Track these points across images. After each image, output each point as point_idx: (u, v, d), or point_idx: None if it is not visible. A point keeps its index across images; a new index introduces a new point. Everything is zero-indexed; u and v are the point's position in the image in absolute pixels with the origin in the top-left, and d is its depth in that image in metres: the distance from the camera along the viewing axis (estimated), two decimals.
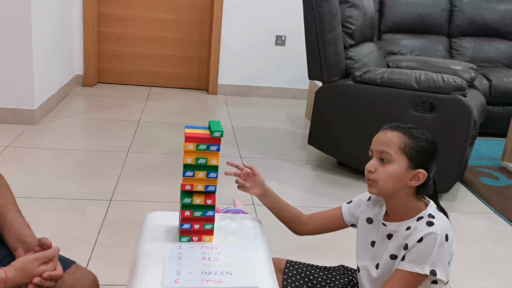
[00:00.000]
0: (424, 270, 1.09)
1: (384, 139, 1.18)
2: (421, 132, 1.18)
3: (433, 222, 1.12)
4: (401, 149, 1.15)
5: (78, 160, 2.80)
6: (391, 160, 1.15)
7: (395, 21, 4.16)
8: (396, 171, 1.15)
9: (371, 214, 1.29)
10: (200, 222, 1.16)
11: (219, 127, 1.10)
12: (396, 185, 1.16)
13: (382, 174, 1.16)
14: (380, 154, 1.17)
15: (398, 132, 1.17)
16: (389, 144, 1.16)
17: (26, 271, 1.05)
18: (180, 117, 3.77)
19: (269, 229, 1.45)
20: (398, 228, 1.18)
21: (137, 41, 4.39)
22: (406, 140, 1.15)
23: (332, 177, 2.90)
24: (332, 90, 2.79)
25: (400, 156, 1.15)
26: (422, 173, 1.15)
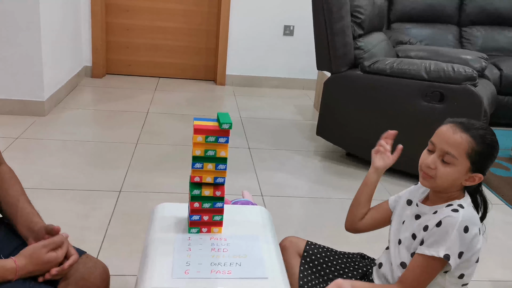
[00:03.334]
0: (439, 252, 1.10)
1: (453, 140, 1.14)
2: (489, 135, 1.16)
3: (459, 210, 1.12)
4: (467, 154, 1.13)
5: (88, 151, 2.82)
6: (454, 163, 1.14)
7: (404, 10, 4.11)
8: (456, 173, 1.14)
9: (412, 197, 1.30)
10: (209, 213, 1.17)
11: (228, 119, 1.10)
12: (452, 184, 1.17)
13: (442, 174, 1.15)
14: (444, 153, 1.15)
15: (468, 135, 1.14)
16: (457, 147, 1.14)
17: (34, 258, 1.05)
18: (188, 108, 3.77)
19: (278, 220, 1.45)
20: (428, 211, 1.20)
21: (145, 32, 4.39)
22: (475, 146, 1.13)
23: (340, 168, 2.89)
24: (340, 81, 2.77)
25: (464, 160, 1.13)
26: (479, 177, 1.15)
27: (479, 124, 1.17)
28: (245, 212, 1.34)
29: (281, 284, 1.05)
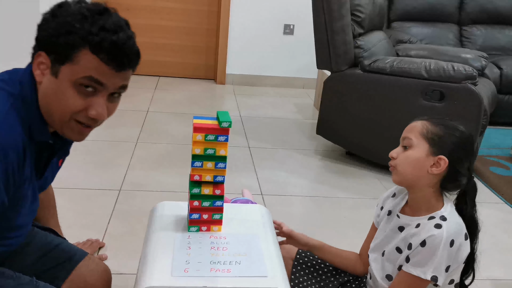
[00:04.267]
0: (426, 275, 1.08)
1: (411, 126, 1.18)
2: (451, 122, 1.16)
3: (442, 225, 1.09)
4: (422, 134, 1.14)
5: (88, 150, 2.82)
6: (411, 145, 1.14)
7: (405, 9, 4.11)
8: (414, 155, 1.13)
9: (391, 207, 1.28)
10: (208, 212, 1.17)
11: (228, 118, 1.10)
12: (416, 171, 1.13)
13: (402, 160, 1.15)
14: (403, 141, 1.17)
15: (424, 120, 1.16)
16: (412, 130, 1.16)
17: None
18: (188, 107, 3.77)
19: (278, 218, 1.45)
20: (410, 222, 1.17)
21: (145, 31, 4.39)
22: (429, 126, 1.14)
23: (340, 167, 2.89)
24: (340, 80, 2.77)
25: (421, 142, 1.13)
26: (443, 159, 1.11)
27: (448, 118, 1.18)
28: (244, 210, 1.34)
29: (280, 282, 1.05)
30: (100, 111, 0.95)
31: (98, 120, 0.98)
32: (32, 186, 1.04)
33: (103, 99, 0.95)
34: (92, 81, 0.92)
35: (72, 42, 0.90)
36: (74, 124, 0.96)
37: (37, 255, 1.19)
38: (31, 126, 0.95)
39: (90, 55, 0.90)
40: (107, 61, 0.91)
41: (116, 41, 0.91)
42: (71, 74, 0.91)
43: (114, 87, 0.96)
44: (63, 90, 0.92)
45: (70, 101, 0.92)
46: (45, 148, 1.03)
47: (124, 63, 0.94)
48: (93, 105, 0.94)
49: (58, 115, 0.94)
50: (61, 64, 0.91)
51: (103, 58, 0.91)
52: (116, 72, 0.93)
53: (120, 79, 0.96)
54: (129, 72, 0.98)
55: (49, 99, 0.94)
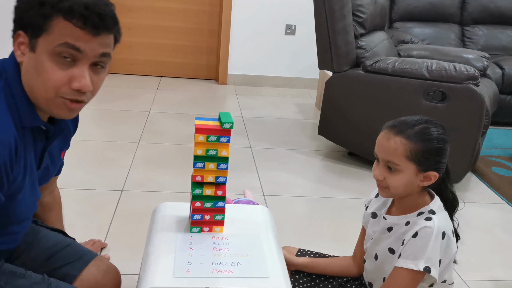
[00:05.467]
0: (419, 266, 1.06)
1: (388, 147, 1.12)
2: (427, 130, 1.11)
3: (432, 217, 1.10)
4: (407, 157, 1.09)
5: (90, 150, 2.83)
6: (399, 170, 1.11)
7: (407, 9, 4.11)
8: (405, 179, 1.11)
9: (375, 209, 1.28)
10: (210, 212, 1.17)
11: (229, 119, 1.10)
12: (408, 189, 1.13)
13: (392, 182, 1.12)
14: (386, 163, 1.13)
15: (401, 138, 1.10)
16: (394, 153, 1.10)
17: None
18: (190, 107, 3.77)
19: (279, 219, 1.45)
20: (398, 221, 1.17)
21: (147, 31, 4.39)
22: (412, 146, 1.09)
23: (342, 167, 2.89)
24: (342, 80, 2.77)
25: (408, 164, 1.10)
26: (433, 175, 1.12)
27: (415, 121, 1.13)
28: (246, 211, 1.35)
29: (282, 283, 1.05)
30: (83, 81, 0.91)
31: (84, 93, 0.94)
32: (31, 177, 1.03)
33: (85, 68, 0.92)
34: (68, 47, 0.89)
35: (44, 12, 0.88)
36: (60, 100, 0.93)
37: (47, 254, 1.20)
38: (21, 112, 0.93)
39: (64, 22, 0.88)
40: (81, 25, 0.88)
41: (87, 3, 0.88)
42: (48, 44, 0.89)
43: (94, 54, 0.92)
44: (42, 63, 0.89)
45: (50, 74, 0.89)
46: (39, 135, 1.02)
47: (98, 25, 0.90)
48: (75, 76, 0.91)
49: (42, 92, 0.92)
50: (38, 37, 0.89)
51: (77, 23, 0.88)
52: (92, 37, 0.90)
53: (99, 45, 0.92)
54: (107, 38, 0.94)
55: (30, 76, 0.92)
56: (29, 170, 1.01)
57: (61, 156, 1.18)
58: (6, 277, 1.04)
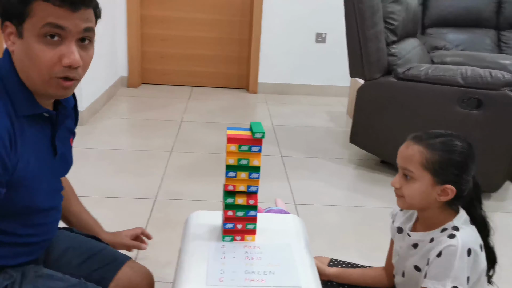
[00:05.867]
0: (446, 286, 1.03)
1: (406, 154, 1.11)
2: (449, 142, 1.09)
3: (455, 234, 1.07)
4: (423, 166, 1.08)
5: (124, 159, 2.89)
6: (414, 178, 1.09)
7: (440, 15, 4.04)
8: (420, 188, 1.09)
9: (401, 223, 1.26)
10: (242, 221, 1.18)
11: (261, 128, 1.11)
12: (424, 201, 1.11)
13: (407, 191, 1.11)
14: (403, 171, 1.12)
15: (420, 146, 1.09)
16: (410, 160, 1.10)
17: None
18: (221, 116, 3.81)
19: (311, 228, 1.45)
20: (423, 238, 1.15)
21: (179, 42, 4.47)
22: (428, 155, 1.07)
23: (374, 175, 2.85)
24: (374, 88, 2.75)
25: (423, 173, 1.08)
26: (450, 189, 1.08)
27: (439, 133, 1.11)
28: (278, 220, 1.35)
29: None
30: (72, 57, 0.95)
31: (75, 69, 0.98)
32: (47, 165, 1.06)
33: (71, 45, 0.96)
34: (52, 26, 0.93)
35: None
36: (55, 80, 0.97)
37: (82, 258, 1.23)
38: (15, 102, 0.97)
39: (43, 3, 0.92)
40: (59, 3, 0.93)
41: None
42: (32, 28, 0.93)
43: (77, 29, 0.96)
44: (31, 47, 0.94)
45: (40, 55, 0.94)
46: (45, 123, 1.06)
47: (76, 1, 0.94)
48: (64, 54, 0.95)
49: (36, 75, 0.96)
50: (22, 23, 0.94)
51: (55, 2, 0.92)
52: (72, 12, 0.94)
53: (80, 20, 0.96)
54: (87, 12, 0.98)
55: (23, 63, 0.96)
56: (42, 158, 1.04)
57: (71, 143, 1.21)
58: (44, 279, 1.08)
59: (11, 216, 1.02)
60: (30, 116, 1.00)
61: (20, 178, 0.98)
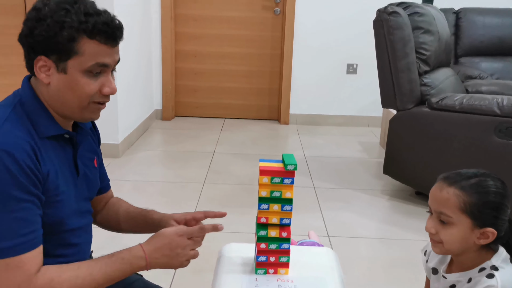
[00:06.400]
0: None
1: (440, 197, 1.07)
2: (483, 182, 1.05)
3: (494, 274, 1.02)
4: (461, 209, 1.04)
5: (158, 190, 2.93)
6: (451, 223, 1.05)
7: (472, 44, 4.00)
8: (459, 233, 1.05)
9: (436, 264, 1.21)
10: (275, 254, 1.17)
11: (293, 160, 1.11)
12: (462, 246, 1.07)
13: (445, 237, 1.07)
14: (438, 215, 1.07)
15: (455, 189, 1.05)
16: (446, 204, 1.05)
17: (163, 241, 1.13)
18: (253, 147, 3.83)
19: (345, 261, 1.42)
20: (460, 278, 1.11)
21: (211, 76, 4.57)
22: (466, 198, 1.03)
23: (409, 207, 2.79)
24: (407, 118, 2.72)
25: (461, 217, 1.04)
26: (491, 232, 1.04)
27: (471, 173, 1.07)
28: (311, 253, 1.33)
29: None
30: (112, 86, 1.07)
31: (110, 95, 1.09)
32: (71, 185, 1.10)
33: (110, 76, 1.07)
34: (99, 66, 1.02)
35: (69, 36, 0.98)
36: (92, 105, 1.06)
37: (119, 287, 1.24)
38: (37, 124, 1.03)
39: (89, 41, 1.00)
40: (105, 40, 1.01)
41: (105, 21, 1.01)
42: (80, 65, 1.01)
43: (114, 63, 1.07)
44: (77, 81, 1.02)
45: (85, 87, 1.03)
46: (66, 144, 1.11)
47: (117, 36, 1.04)
48: (105, 84, 1.05)
49: (77, 103, 1.04)
50: (67, 59, 1.00)
51: (100, 40, 1.01)
52: (113, 48, 1.04)
53: (116, 54, 1.07)
54: (119, 45, 1.08)
55: (63, 93, 1.03)
56: (66, 177, 1.08)
57: (95, 164, 1.24)
58: None
59: (44, 234, 1.04)
60: (52, 138, 1.06)
61: (50, 191, 1.02)
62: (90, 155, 1.22)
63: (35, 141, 1.00)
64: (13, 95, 1.07)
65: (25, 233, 0.95)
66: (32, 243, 0.96)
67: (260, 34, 4.46)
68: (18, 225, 0.95)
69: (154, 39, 4.35)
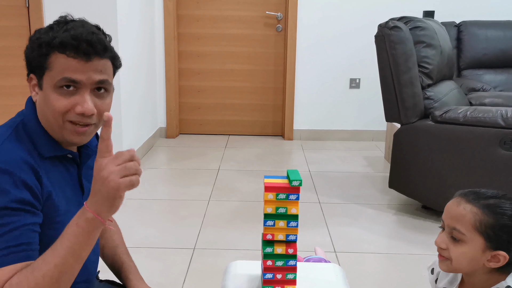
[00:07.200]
0: None
1: (456, 213, 1.03)
2: (503, 204, 1.02)
3: None
4: (476, 228, 1.01)
5: (163, 209, 2.92)
6: (463, 240, 1.02)
7: (475, 57, 4.02)
8: (469, 253, 1.02)
9: (446, 284, 1.19)
10: (282, 271, 1.16)
11: (298, 176, 1.11)
12: (471, 266, 1.04)
13: (454, 254, 1.03)
14: (451, 230, 1.04)
15: (473, 206, 1.02)
16: (461, 220, 1.02)
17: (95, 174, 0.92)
18: (257, 164, 3.83)
19: (352, 277, 1.41)
20: None
21: (215, 93, 4.59)
22: (482, 218, 1.00)
23: (416, 221, 2.77)
24: (411, 132, 2.72)
25: (475, 236, 1.01)
26: (503, 256, 1.01)
27: (491, 193, 1.04)
28: (318, 269, 1.32)
29: None
30: (85, 106, 1.00)
31: (89, 116, 1.01)
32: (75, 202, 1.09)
33: (86, 95, 1.01)
34: (68, 81, 0.99)
35: (42, 52, 0.99)
36: (69, 125, 1.01)
37: None
38: (38, 145, 1.02)
39: (59, 55, 0.99)
40: (74, 54, 0.98)
41: (74, 34, 0.98)
42: (50, 80, 1.00)
43: (90, 81, 1.00)
44: (48, 97, 1.00)
45: (55, 104, 0.99)
46: (70, 164, 1.10)
47: (88, 51, 0.99)
48: (77, 102, 1.00)
49: (53, 121, 1.01)
50: (42, 75, 1.01)
51: (69, 54, 0.98)
52: (85, 63, 0.99)
53: (94, 72, 1.00)
54: (101, 62, 1.01)
55: (43, 111, 1.02)
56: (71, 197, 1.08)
57: None
58: None
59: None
60: (55, 158, 1.06)
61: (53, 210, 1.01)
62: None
63: (35, 161, 0.99)
64: (16, 116, 1.08)
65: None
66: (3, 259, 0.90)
67: (263, 51, 4.49)
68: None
69: (157, 58, 4.39)
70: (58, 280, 0.89)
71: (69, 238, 0.91)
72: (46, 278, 0.89)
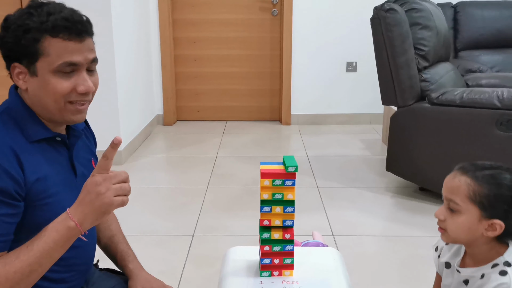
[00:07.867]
0: None
1: (452, 184, 1.07)
2: (498, 175, 1.04)
3: (507, 271, 1.02)
4: (470, 198, 1.03)
5: (161, 196, 2.94)
6: (459, 211, 1.05)
7: (472, 37, 4.00)
8: (465, 223, 1.05)
9: (449, 258, 1.21)
10: (279, 256, 1.17)
11: (294, 162, 1.12)
12: (469, 236, 1.07)
13: (452, 225, 1.07)
14: (448, 202, 1.07)
15: (467, 177, 1.05)
16: (456, 192, 1.05)
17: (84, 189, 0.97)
18: (255, 149, 3.84)
19: (350, 261, 1.42)
20: (474, 274, 1.10)
21: (212, 79, 4.57)
22: (476, 188, 1.03)
23: (414, 203, 2.79)
24: (408, 114, 2.72)
25: (470, 206, 1.04)
26: (498, 224, 1.03)
27: (488, 165, 1.06)
28: (316, 254, 1.33)
29: None
30: (87, 84, 1.05)
31: (89, 94, 1.07)
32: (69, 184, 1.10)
33: (84, 74, 1.05)
34: (67, 65, 1.01)
35: (32, 38, 0.99)
36: (69, 106, 1.05)
37: None
38: (25, 129, 1.04)
39: (53, 39, 1.00)
40: (68, 36, 1.00)
41: (64, 16, 1.00)
42: (48, 65, 1.01)
43: (87, 61, 1.05)
44: (48, 82, 1.01)
45: (57, 87, 1.01)
46: (59, 147, 1.11)
47: (81, 30, 1.02)
48: (79, 82, 1.04)
49: (53, 104, 1.03)
50: (35, 62, 1.01)
51: (64, 36, 1.00)
52: (80, 43, 1.02)
53: (88, 52, 1.04)
54: (90, 41, 1.06)
55: (39, 97, 1.03)
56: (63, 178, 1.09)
57: (93, 165, 1.24)
58: None
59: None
60: (44, 141, 1.07)
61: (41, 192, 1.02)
62: (87, 156, 1.22)
63: (20, 146, 1.00)
64: (1, 104, 1.08)
65: None
66: None
67: (259, 35, 4.46)
68: None
69: (153, 45, 4.36)
70: (28, 277, 0.94)
71: (46, 241, 0.94)
72: (18, 274, 0.93)
